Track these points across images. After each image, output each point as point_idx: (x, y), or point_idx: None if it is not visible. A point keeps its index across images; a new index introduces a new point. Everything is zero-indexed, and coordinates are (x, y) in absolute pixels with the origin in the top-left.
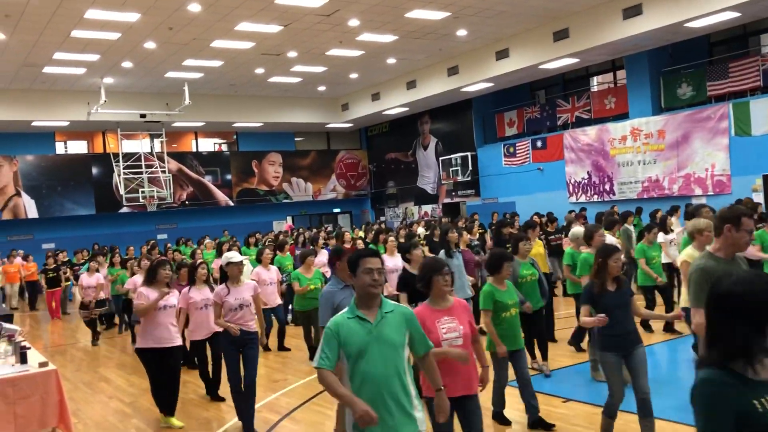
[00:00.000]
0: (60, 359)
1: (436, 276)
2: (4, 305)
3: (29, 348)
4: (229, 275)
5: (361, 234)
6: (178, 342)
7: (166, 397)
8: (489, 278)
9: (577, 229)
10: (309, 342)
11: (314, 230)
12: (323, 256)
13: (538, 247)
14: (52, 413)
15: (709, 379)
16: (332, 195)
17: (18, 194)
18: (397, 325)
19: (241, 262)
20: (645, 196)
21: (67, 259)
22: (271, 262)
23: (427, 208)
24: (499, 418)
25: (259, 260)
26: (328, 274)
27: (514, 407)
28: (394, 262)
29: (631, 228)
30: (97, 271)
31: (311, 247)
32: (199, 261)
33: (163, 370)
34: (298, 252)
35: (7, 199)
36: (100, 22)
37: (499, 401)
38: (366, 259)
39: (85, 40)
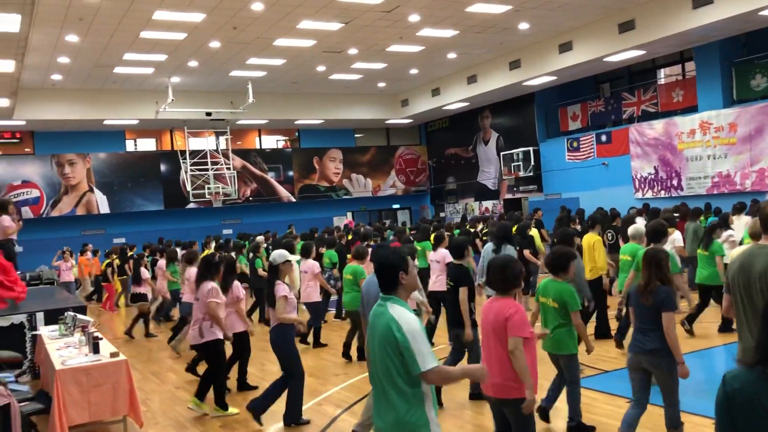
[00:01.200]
0: (130, 350)
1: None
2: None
3: (101, 339)
4: (284, 272)
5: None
6: None
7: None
8: (551, 277)
9: (640, 226)
10: (350, 339)
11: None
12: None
13: (599, 244)
14: (123, 402)
15: None
16: (392, 191)
17: (91, 190)
18: None
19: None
20: (715, 192)
21: (131, 253)
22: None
23: (488, 203)
24: (580, 428)
25: (307, 255)
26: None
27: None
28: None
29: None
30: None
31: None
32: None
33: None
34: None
35: (81, 195)
36: (167, 22)
37: (578, 409)
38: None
39: (153, 41)
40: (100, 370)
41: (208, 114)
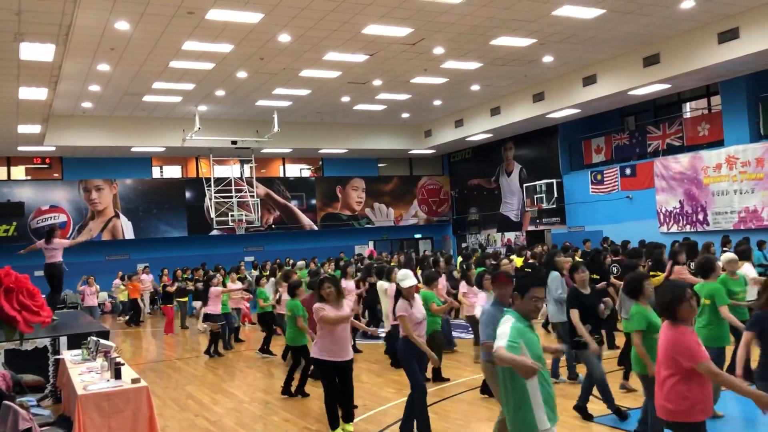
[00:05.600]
0: (151, 376)
1: None
2: (120, 318)
3: (123, 364)
4: (406, 294)
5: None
6: (352, 355)
7: (343, 406)
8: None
9: (729, 255)
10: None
11: (439, 253)
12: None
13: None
14: (142, 428)
15: None
16: (414, 220)
17: (117, 216)
18: None
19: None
20: (742, 227)
21: (186, 276)
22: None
23: (510, 235)
24: None
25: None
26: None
27: None
28: None
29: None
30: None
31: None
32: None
33: (340, 380)
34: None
35: (106, 221)
36: (196, 53)
37: None
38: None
39: (182, 70)
40: (121, 396)
41: (234, 142)
